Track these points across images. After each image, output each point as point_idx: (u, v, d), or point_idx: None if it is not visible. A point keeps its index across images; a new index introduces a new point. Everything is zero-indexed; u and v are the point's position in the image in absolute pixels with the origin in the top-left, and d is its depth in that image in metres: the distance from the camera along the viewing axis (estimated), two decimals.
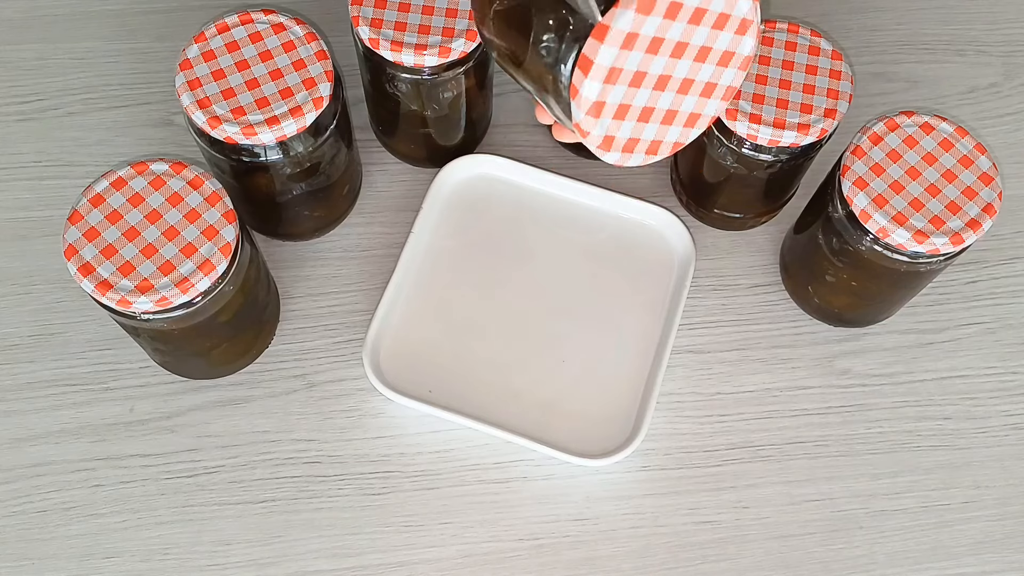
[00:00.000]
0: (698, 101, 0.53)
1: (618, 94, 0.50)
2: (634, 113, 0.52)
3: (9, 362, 0.71)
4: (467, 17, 0.67)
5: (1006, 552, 0.69)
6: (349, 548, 0.67)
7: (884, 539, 0.69)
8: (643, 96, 0.51)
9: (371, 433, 0.70)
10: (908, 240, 0.62)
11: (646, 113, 0.52)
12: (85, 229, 0.60)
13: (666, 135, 0.54)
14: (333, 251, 0.76)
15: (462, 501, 0.69)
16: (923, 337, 0.74)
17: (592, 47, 0.48)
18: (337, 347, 0.72)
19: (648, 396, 0.69)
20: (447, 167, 0.76)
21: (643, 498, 0.69)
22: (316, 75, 0.64)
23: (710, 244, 0.77)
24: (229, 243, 0.60)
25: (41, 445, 0.69)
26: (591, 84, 0.49)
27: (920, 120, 0.65)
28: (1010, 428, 0.72)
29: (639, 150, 0.54)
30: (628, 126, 0.52)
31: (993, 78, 0.83)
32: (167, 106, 0.79)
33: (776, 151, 0.67)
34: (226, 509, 0.68)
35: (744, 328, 0.74)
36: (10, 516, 0.67)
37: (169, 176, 0.62)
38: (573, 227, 0.76)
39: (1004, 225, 0.78)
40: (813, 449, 0.71)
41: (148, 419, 0.70)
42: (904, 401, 0.72)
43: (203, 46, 0.65)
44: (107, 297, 0.58)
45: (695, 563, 0.68)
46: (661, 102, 0.52)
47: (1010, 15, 0.86)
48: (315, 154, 0.66)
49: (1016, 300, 0.76)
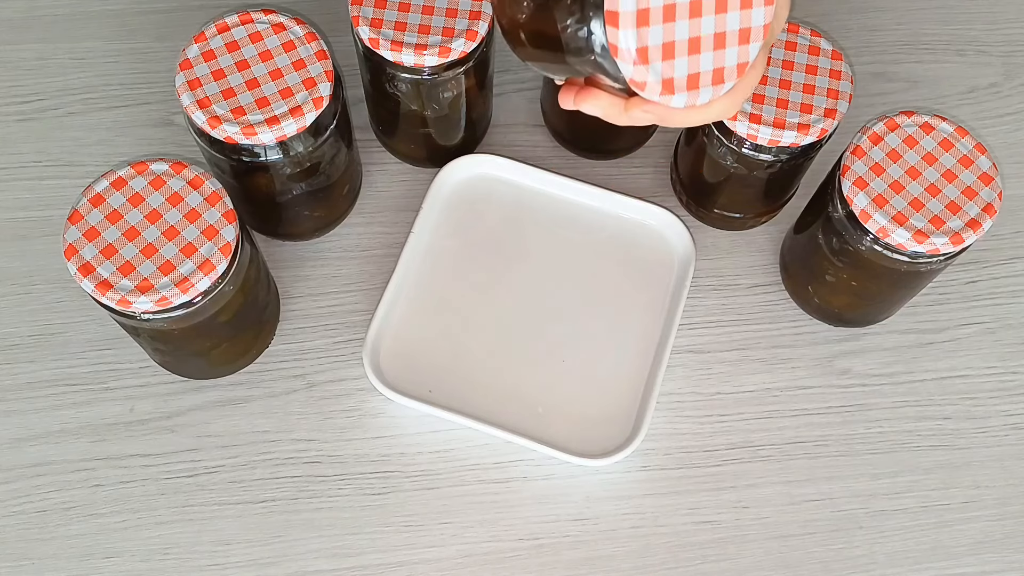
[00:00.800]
0: (742, 15, 0.51)
1: (657, 34, 0.49)
2: (682, 47, 0.50)
3: (9, 362, 0.71)
4: (467, 17, 0.67)
5: (1006, 552, 0.69)
6: (349, 548, 0.67)
7: (884, 539, 0.69)
8: (683, 28, 0.50)
9: (371, 433, 0.70)
10: (908, 240, 0.62)
11: (694, 44, 0.51)
12: (85, 229, 0.60)
13: (724, 59, 0.52)
14: (333, 251, 0.76)
15: (462, 501, 0.69)
16: (923, 337, 0.74)
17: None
18: (337, 347, 0.72)
19: (648, 396, 0.69)
20: (447, 167, 0.76)
21: (643, 498, 0.69)
22: (316, 75, 0.64)
23: (710, 244, 0.77)
24: (229, 243, 0.60)
25: (41, 445, 0.69)
26: (625, 33, 0.49)
27: (920, 120, 0.65)
28: (1010, 428, 0.72)
29: (704, 83, 0.51)
30: (682, 63, 0.51)
31: (993, 78, 0.83)
32: (167, 106, 0.79)
33: (776, 151, 0.67)
34: (226, 509, 0.68)
35: (744, 328, 0.74)
36: (10, 516, 0.67)
37: (169, 176, 0.62)
38: (573, 227, 0.76)
39: (1004, 225, 0.78)
40: (813, 449, 0.71)
41: (148, 419, 0.70)
42: (904, 401, 0.72)
43: (203, 46, 0.65)
44: (107, 297, 0.58)
45: (695, 563, 0.68)
46: (704, 28, 0.50)
47: (1010, 15, 0.86)
48: (315, 154, 0.66)
49: (1016, 300, 0.76)
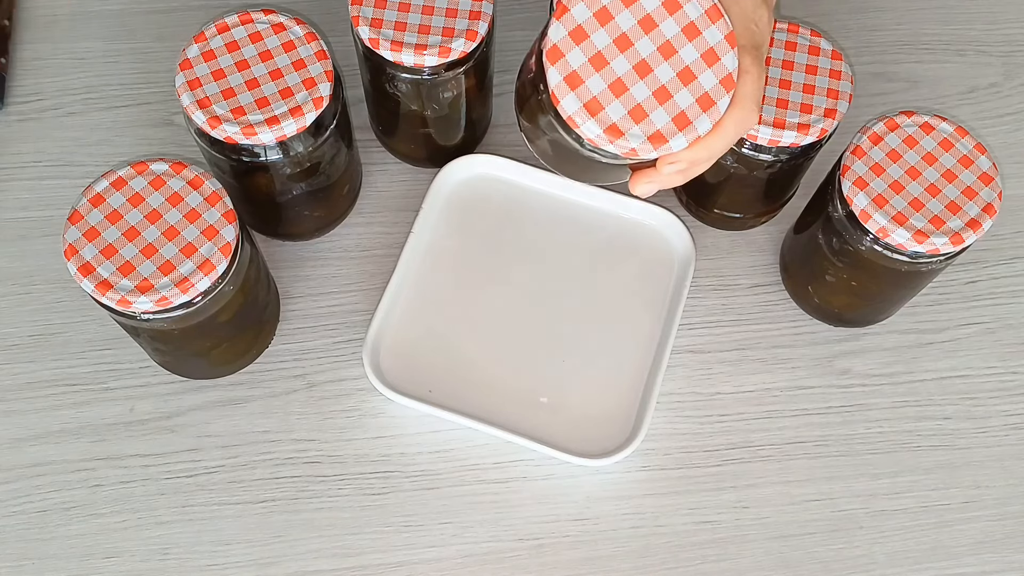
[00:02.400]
0: (693, 45, 0.52)
1: (617, 109, 0.51)
2: (649, 103, 0.51)
3: (9, 362, 0.71)
4: (467, 17, 0.67)
5: (1006, 552, 0.69)
6: (349, 548, 0.67)
7: (884, 539, 0.69)
8: (640, 89, 0.51)
9: (371, 433, 0.70)
10: (908, 240, 0.62)
11: (660, 93, 0.51)
12: (85, 229, 0.60)
13: (704, 85, 0.52)
14: (333, 251, 0.76)
15: (462, 501, 0.69)
16: (923, 337, 0.74)
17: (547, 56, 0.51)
18: (337, 347, 0.72)
19: (648, 396, 0.69)
20: (447, 167, 0.76)
21: (643, 498, 0.69)
22: (316, 75, 0.64)
23: (710, 244, 0.77)
24: (229, 243, 0.60)
25: (41, 445, 0.69)
26: (552, 70, 0.51)
27: (920, 120, 0.65)
28: (1010, 428, 0.72)
29: (694, 115, 0.51)
30: (659, 114, 0.51)
31: (993, 78, 0.83)
32: (167, 106, 0.79)
33: (776, 151, 0.67)
34: (226, 509, 0.68)
35: (744, 328, 0.74)
36: (10, 516, 0.67)
37: (169, 176, 0.62)
38: (573, 227, 0.76)
39: (1004, 225, 0.78)
40: (813, 449, 0.71)
41: (148, 419, 0.70)
42: (904, 401, 0.72)
43: (203, 46, 0.65)
44: (107, 297, 0.58)
45: (695, 563, 0.68)
46: (662, 76, 0.52)
47: (1010, 15, 0.86)
48: (315, 154, 0.66)
49: (1016, 300, 0.76)
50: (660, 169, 0.54)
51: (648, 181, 0.55)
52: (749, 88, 0.53)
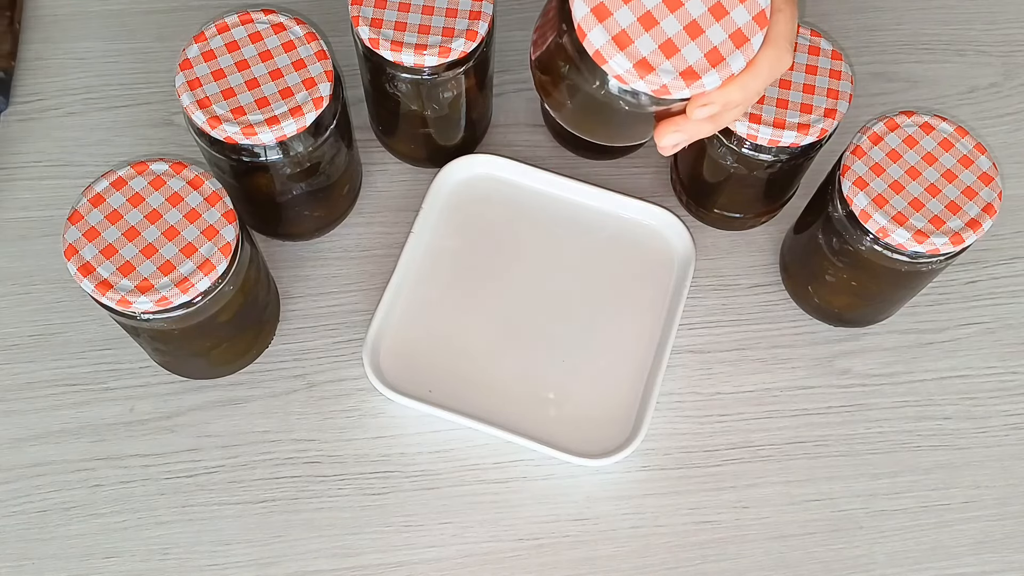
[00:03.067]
0: None
1: (623, 12, 0.49)
2: (681, 38, 0.49)
3: (9, 362, 0.71)
4: (467, 17, 0.67)
5: (1006, 552, 0.69)
6: (349, 548, 0.67)
7: (884, 539, 0.69)
8: (670, 23, 0.49)
9: (371, 433, 0.70)
10: (908, 240, 0.62)
11: (691, 28, 0.49)
12: (85, 229, 0.60)
13: (737, 21, 0.50)
14: (333, 251, 0.76)
15: (462, 501, 0.69)
16: (923, 337, 0.74)
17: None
18: (337, 347, 0.72)
19: (648, 396, 0.69)
20: (447, 167, 0.76)
21: (643, 498, 0.69)
22: (316, 75, 0.64)
23: (710, 244, 0.77)
24: (229, 243, 0.60)
25: (41, 445, 0.69)
26: (578, 2, 0.48)
27: (920, 120, 0.65)
28: (1010, 428, 0.72)
29: (727, 51, 0.49)
30: (691, 49, 0.49)
31: (993, 78, 0.83)
32: (167, 106, 0.79)
33: (776, 151, 0.67)
34: (226, 509, 0.68)
35: (744, 328, 0.74)
36: (10, 516, 0.67)
37: (169, 176, 0.62)
38: (573, 227, 0.76)
39: (1004, 225, 0.78)
40: (813, 449, 0.71)
41: (148, 419, 0.70)
42: (904, 401, 0.72)
43: (203, 46, 0.65)
44: (107, 297, 0.58)
45: (695, 563, 0.68)
46: (693, 10, 0.49)
47: (1010, 15, 0.86)
48: (315, 154, 0.66)
49: (1016, 300, 0.76)
50: (690, 114, 0.50)
51: (676, 130, 0.51)
52: (783, 27, 0.50)
